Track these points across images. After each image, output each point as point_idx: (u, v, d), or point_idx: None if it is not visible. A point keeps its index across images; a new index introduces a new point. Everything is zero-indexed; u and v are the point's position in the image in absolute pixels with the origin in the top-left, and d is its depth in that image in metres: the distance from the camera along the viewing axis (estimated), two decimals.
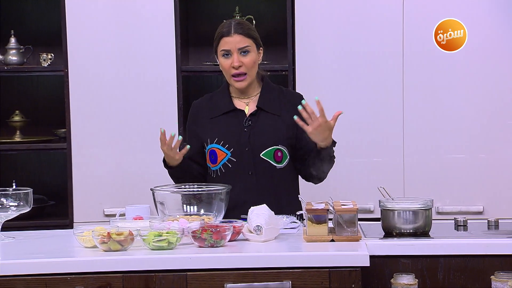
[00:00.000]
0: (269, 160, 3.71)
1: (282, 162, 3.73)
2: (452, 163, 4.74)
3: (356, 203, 3.29)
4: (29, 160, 5.35)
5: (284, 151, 3.73)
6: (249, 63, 3.71)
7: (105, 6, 4.81)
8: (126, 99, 4.84)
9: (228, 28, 3.71)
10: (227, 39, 3.70)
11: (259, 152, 3.70)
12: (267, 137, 3.71)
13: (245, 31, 3.72)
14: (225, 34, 3.71)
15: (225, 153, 3.71)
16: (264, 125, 3.73)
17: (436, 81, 4.74)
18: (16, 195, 3.43)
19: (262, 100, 3.76)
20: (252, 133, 3.72)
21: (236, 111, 3.76)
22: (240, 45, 3.70)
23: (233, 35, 3.70)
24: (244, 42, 3.70)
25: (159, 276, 3.01)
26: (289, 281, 3.00)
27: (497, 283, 3.06)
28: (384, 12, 4.74)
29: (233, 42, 3.69)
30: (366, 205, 4.61)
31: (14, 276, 2.99)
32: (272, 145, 3.71)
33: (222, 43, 3.72)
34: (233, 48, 3.70)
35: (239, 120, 3.75)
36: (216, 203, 3.44)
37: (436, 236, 3.29)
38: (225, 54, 3.71)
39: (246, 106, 3.78)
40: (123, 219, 3.44)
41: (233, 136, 3.72)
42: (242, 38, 3.70)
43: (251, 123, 3.74)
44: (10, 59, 5.07)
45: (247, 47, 3.71)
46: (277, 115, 3.74)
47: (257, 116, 3.75)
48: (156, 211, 3.51)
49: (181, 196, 3.48)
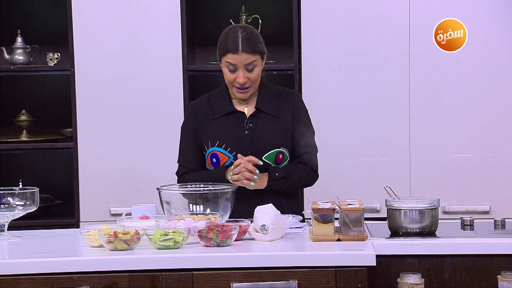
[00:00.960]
0: (270, 163, 3.69)
1: (282, 164, 3.72)
2: (459, 162, 4.74)
3: (362, 202, 3.29)
4: (35, 160, 5.36)
5: (285, 153, 3.71)
6: (254, 78, 3.66)
7: (111, 6, 4.82)
8: (132, 99, 4.84)
9: (235, 44, 3.61)
10: (233, 56, 3.62)
11: (261, 155, 3.68)
12: (269, 140, 3.69)
13: (252, 48, 3.63)
14: (231, 50, 3.61)
15: (228, 157, 3.69)
16: (265, 128, 3.71)
17: (442, 81, 4.74)
18: (23, 194, 3.43)
19: (261, 101, 3.73)
20: (254, 136, 3.70)
21: (236, 113, 3.73)
22: (246, 62, 3.62)
23: (240, 53, 3.61)
24: (251, 58, 3.63)
25: (165, 275, 3.01)
26: (295, 281, 3.00)
27: (503, 283, 3.06)
28: (390, 11, 4.73)
29: (240, 60, 3.62)
30: (372, 204, 4.61)
31: (21, 275, 2.99)
32: (274, 148, 3.69)
33: (228, 57, 3.63)
34: (239, 65, 3.63)
35: (239, 122, 3.72)
36: (222, 202, 3.44)
37: (442, 236, 3.28)
38: (230, 68, 3.65)
39: (245, 107, 3.75)
40: (129, 218, 3.44)
41: (235, 139, 3.69)
42: (248, 56, 3.62)
43: (252, 125, 3.71)
44: (16, 59, 5.07)
45: (254, 62, 3.64)
46: (276, 117, 3.72)
47: (257, 117, 3.72)
48: (162, 211, 3.52)
49: (188, 195, 3.48)
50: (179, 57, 4.82)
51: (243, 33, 3.65)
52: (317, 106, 4.59)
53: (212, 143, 3.71)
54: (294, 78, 4.82)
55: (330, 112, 4.76)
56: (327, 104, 4.75)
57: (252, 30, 3.72)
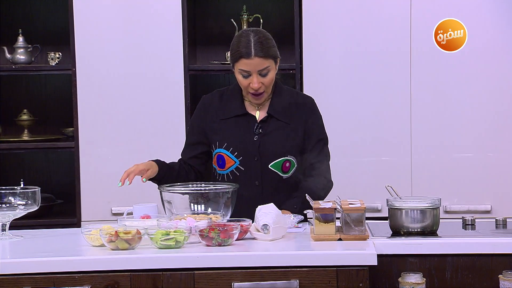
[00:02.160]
0: (276, 171, 3.67)
1: (289, 172, 3.69)
2: (460, 162, 4.74)
3: (363, 202, 3.29)
4: (37, 159, 5.36)
5: (293, 161, 3.68)
6: (268, 82, 3.62)
7: (113, 5, 4.82)
8: (133, 98, 4.84)
9: (248, 48, 3.56)
10: (246, 61, 3.56)
11: (268, 163, 3.65)
12: (276, 148, 3.65)
13: (265, 53, 3.57)
14: (244, 55, 3.56)
15: (234, 161, 3.67)
16: (274, 134, 3.67)
17: (443, 80, 4.74)
18: (24, 193, 3.43)
19: (273, 106, 3.69)
20: (262, 142, 3.66)
21: (247, 116, 3.69)
22: (260, 67, 3.57)
23: (254, 58, 3.56)
24: (264, 64, 3.58)
25: (167, 275, 3.01)
26: (297, 280, 3.00)
27: (505, 282, 3.06)
28: (392, 10, 4.73)
29: (253, 65, 3.56)
30: (373, 204, 4.62)
31: (22, 275, 3.00)
32: (281, 157, 3.66)
33: (241, 63, 3.57)
34: (253, 70, 3.57)
35: (249, 126, 3.68)
36: (223, 202, 3.43)
37: (444, 235, 3.28)
38: (244, 74, 3.60)
39: (257, 111, 3.71)
40: (130, 217, 3.44)
41: (243, 143, 3.66)
42: (262, 60, 3.56)
43: (262, 130, 3.68)
44: (18, 58, 5.08)
45: (267, 68, 3.59)
46: (287, 123, 3.68)
47: (268, 123, 3.68)
48: (164, 210, 3.52)
49: (189, 195, 3.48)
50: (181, 56, 4.82)
51: (255, 37, 3.60)
52: (318, 106, 4.58)
53: (220, 144, 3.69)
54: (296, 77, 4.82)
55: (331, 111, 4.75)
56: (328, 104, 4.74)
57: (265, 33, 3.66)
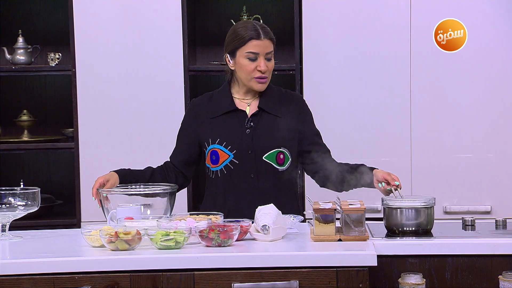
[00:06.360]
0: (271, 162, 3.69)
1: (284, 165, 3.71)
2: (460, 162, 4.74)
3: (363, 202, 3.29)
4: (36, 160, 5.36)
5: (286, 153, 3.71)
6: (271, 68, 3.70)
7: (112, 6, 4.82)
8: (133, 99, 4.84)
9: (256, 31, 3.65)
10: (257, 42, 3.63)
11: (262, 154, 3.68)
12: (269, 140, 3.69)
13: (271, 37, 3.68)
14: (254, 36, 3.63)
15: (228, 155, 3.69)
16: (266, 127, 3.70)
17: (443, 81, 4.74)
18: (24, 194, 3.43)
19: (264, 100, 3.72)
20: (255, 135, 3.69)
21: (237, 111, 3.72)
22: (267, 50, 3.66)
23: (264, 39, 3.64)
24: (271, 47, 3.68)
25: (167, 275, 3.01)
26: (297, 281, 3.00)
27: (505, 283, 3.06)
28: (392, 11, 4.73)
29: (263, 46, 3.64)
30: (373, 204, 4.61)
31: (22, 275, 3.00)
32: (274, 148, 3.69)
33: (250, 45, 3.64)
34: (262, 52, 3.64)
35: (240, 121, 3.71)
36: (163, 202, 3.46)
37: (443, 236, 3.28)
38: (251, 57, 3.65)
39: (247, 106, 3.74)
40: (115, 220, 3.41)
41: (235, 137, 3.69)
42: (269, 43, 3.67)
43: (253, 124, 3.71)
44: (18, 59, 5.08)
45: (271, 53, 3.69)
46: (278, 117, 3.71)
47: (259, 117, 3.71)
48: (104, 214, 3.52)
49: (127, 196, 3.48)
50: (180, 57, 4.83)
51: (258, 23, 3.74)
52: (318, 106, 4.58)
53: (213, 141, 3.71)
54: (295, 78, 4.82)
55: (331, 112, 4.76)
56: (328, 104, 4.75)
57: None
